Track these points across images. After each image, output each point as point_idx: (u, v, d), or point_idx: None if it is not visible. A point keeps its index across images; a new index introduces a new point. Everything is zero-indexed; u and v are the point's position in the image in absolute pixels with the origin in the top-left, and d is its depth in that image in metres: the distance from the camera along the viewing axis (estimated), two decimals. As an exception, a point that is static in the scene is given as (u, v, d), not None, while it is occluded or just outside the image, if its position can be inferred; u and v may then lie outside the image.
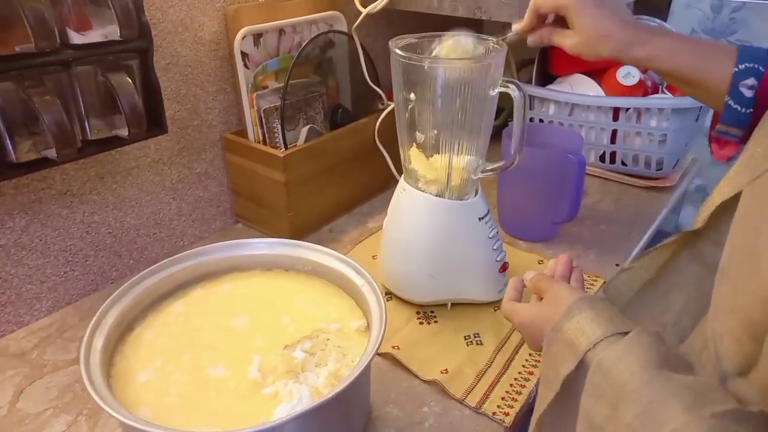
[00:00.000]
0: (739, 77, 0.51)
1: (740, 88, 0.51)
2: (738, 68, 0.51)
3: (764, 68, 0.51)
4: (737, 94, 0.51)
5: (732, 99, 0.52)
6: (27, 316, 0.78)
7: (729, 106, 0.52)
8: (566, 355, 0.44)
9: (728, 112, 0.52)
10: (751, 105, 0.51)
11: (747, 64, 0.51)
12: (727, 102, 0.52)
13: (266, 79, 0.94)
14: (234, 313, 0.64)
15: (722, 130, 0.53)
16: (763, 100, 0.51)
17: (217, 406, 0.54)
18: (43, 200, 0.76)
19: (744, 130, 0.52)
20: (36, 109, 0.62)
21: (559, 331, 0.46)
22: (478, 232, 0.76)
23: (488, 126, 0.74)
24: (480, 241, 0.76)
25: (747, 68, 0.51)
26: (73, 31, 0.66)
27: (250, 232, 1.01)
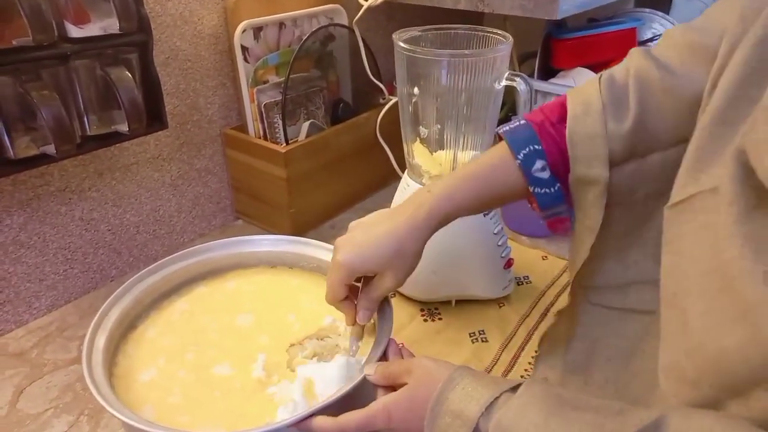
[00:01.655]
0: (527, 166, 0.50)
1: (535, 175, 0.50)
2: (519, 159, 0.50)
3: (540, 145, 0.50)
4: (536, 180, 0.50)
5: (536, 187, 0.50)
6: (26, 315, 0.77)
7: (538, 194, 0.51)
8: (456, 427, 0.40)
9: (541, 199, 0.51)
10: (554, 182, 0.50)
11: (523, 151, 0.50)
12: (534, 191, 0.50)
13: (266, 73, 0.93)
14: (238, 311, 0.63)
15: (549, 213, 0.52)
16: (560, 170, 0.49)
17: (222, 406, 0.53)
18: (41, 197, 0.74)
19: (566, 202, 0.51)
20: (34, 103, 0.61)
21: (443, 403, 0.42)
22: (482, 228, 0.75)
23: (493, 120, 0.73)
24: (484, 237, 0.75)
25: (526, 155, 0.50)
26: (71, 24, 0.64)
27: (250, 228, 1.00)
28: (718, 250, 0.33)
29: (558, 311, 0.55)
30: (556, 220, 0.53)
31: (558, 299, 0.81)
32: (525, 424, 0.37)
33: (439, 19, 0.78)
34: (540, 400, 0.38)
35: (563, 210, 0.51)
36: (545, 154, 0.49)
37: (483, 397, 0.40)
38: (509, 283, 0.79)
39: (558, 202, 0.51)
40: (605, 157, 0.46)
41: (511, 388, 0.41)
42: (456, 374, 0.43)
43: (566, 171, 0.48)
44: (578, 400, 0.38)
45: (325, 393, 0.51)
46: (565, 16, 0.86)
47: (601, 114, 0.46)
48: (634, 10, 1.27)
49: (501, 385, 0.41)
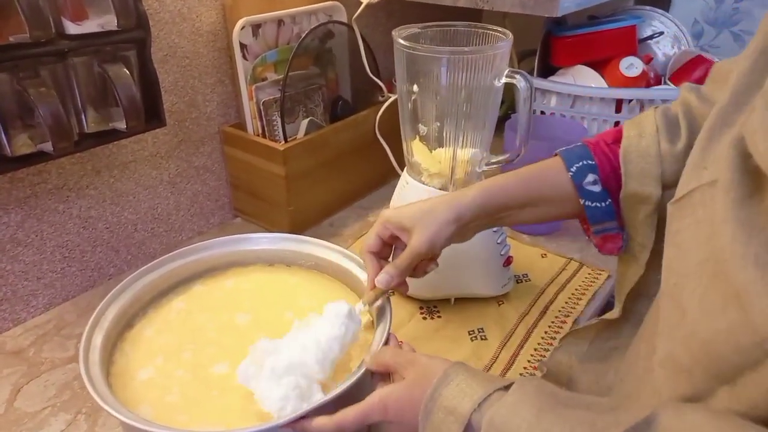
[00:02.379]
0: (579, 179, 0.51)
1: (587, 188, 0.51)
2: (572, 172, 0.52)
3: (593, 161, 0.51)
4: (587, 194, 0.52)
5: (587, 200, 0.52)
6: (23, 313, 0.77)
7: (589, 207, 0.52)
8: (449, 423, 0.40)
9: (591, 212, 0.52)
10: (606, 197, 0.51)
11: (576, 165, 0.52)
12: (585, 204, 0.52)
13: (265, 70, 0.93)
14: (236, 310, 0.63)
15: (599, 229, 0.53)
16: (612, 186, 0.51)
17: (220, 405, 0.53)
18: (38, 195, 0.74)
19: (616, 219, 0.52)
20: (31, 100, 0.61)
21: (437, 399, 0.42)
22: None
23: (493, 118, 0.72)
24: (484, 234, 0.74)
25: (579, 168, 0.52)
26: (69, 21, 0.64)
27: (249, 226, 1.00)
28: (713, 237, 0.33)
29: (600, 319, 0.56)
30: (606, 238, 0.54)
31: (557, 297, 0.80)
32: (517, 421, 0.37)
33: (439, 17, 0.77)
34: (532, 397, 0.38)
35: (613, 227, 0.52)
36: (598, 170, 0.51)
37: (476, 393, 0.41)
38: (508, 281, 0.79)
39: (608, 218, 0.52)
40: (658, 176, 0.48)
41: (504, 387, 0.41)
42: (451, 370, 0.44)
43: (617, 188, 0.50)
44: (570, 397, 0.39)
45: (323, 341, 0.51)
46: (565, 13, 0.86)
47: (655, 136, 0.49)
48: (634, 8, 1.27)
49: (494, 382, 0.41)
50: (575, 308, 0.78)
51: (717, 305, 0.32)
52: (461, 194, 0.55)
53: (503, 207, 0.55)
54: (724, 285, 0.32)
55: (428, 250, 0.54)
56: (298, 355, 0.51)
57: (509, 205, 0.55)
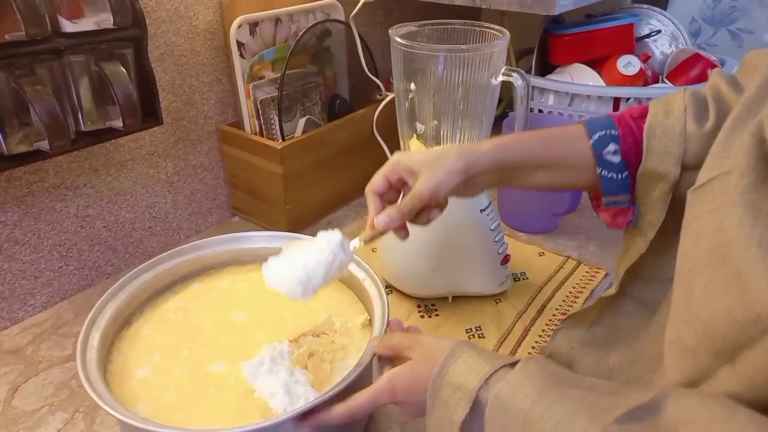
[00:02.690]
0: (599, 147, 0.51)
1: (606, 157, 0.50)
2: (593, 139, 0.51)
3: (616, 131, 0.50)
4: (606, 163, 0.51)
5: (604, 170, 0.51)
6: (21, 312, 0.77)
7: (605, 177, 0.51)
8: (457, 399, 0.42)
9: (606, 183, 0.51)
10: (624, 169, 0.50)
11: (599, 133, 0.51)
12: (601, 174, 0.51)
13: (262, 69, 0.92)
14: (233, 308, 0.63)
15: (610, 201, 0.52)
16: (631, 159, 0.50)
17: (217, 403, 0.53)
18: (36, 194, 0.74)
19: (628, 193, 0.51)
20: (27, 99, 0.61)
21: (445, 376, 0.43)
22: (479, 224, 0.75)
23: (490, 116, 0.72)
24: (481, 233, 0.75)
25: (601, 137, 0.51)
26: (65, 19, 0.64)
27: (247, 225, 1.00)
28: (723, 220, 0.34)
29: (600, 298, 0.56)
30: (616, 212, 0.53)
31: (555, 295, 0.80)
32: (521, 397, 0.38)
33: (437, 15, 0.77)
34: (536, 375, 0.39)
35: (625, 201, 0.52)
36: (620, 141, 0.50)
37: (483, 370, 0.42)
38: (506, 279, 0.79)
39: (622, 191, 0.51)
40: (679, 155, 0.47)
41: (510, 364, 0.42)
42: (457, 348, 0.44)
43: (637, 163, 0.49)
44: (574, 378, 0.40)
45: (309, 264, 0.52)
46: (562, 11, 0.86)
47: (682, 115, 0.48)
48: (632, 6, 1.27)
49: (500, 359, 0.42)
50: (573, 306, 0.78)
51: (720, 286, 0.33)
52: (475, 145, 0.54)
53: (517, 164, 0.53)
54: (728, 267, 0.32)
55: (431, 196, 0.52)
56: (285, 273, 0.51)
57: (523, 164, 0.53)
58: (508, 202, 0.97)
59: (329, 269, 0.52)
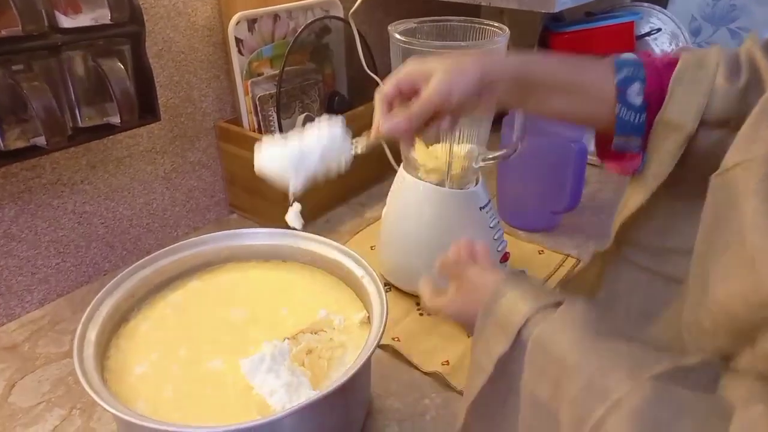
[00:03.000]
0: (624, 84, 0.49)
1: (629, 96, 0.49)
2: (620, 75, 0.49)
3: (644, 72, 0.49)
4: (626, 102, 0.49)
5: (623, 107, 0.49)
6: (18, 309, 0.76)
7: (621, 117, 0.49)
8: (498, 336, 0.42)
9: (622, 123, 0.50)
10: (643, 110, 0.49)
11: (627, 69, 0.49)
12: (619, 112, 0.49)
13: (261, 65, 0.92)
14: (231, 305, 0.63)
15: (621, 143, 0.51)
16: (653, 103, 0.49)
17: (215, 400, 0.52)
18: (33, 190, 0.74)
19: (641, 138, 0.50)
20: (24, 94, 0.60)
21: (490, 315, 0.44)
22: (479, 222, 0.75)
23: (490, 113, 0.72)
24: (481, 230, 0.75)
25: (628, 75, 0.49)
26: (62, 14, 0.64)
27: (245, 222, 0.99)
28: (740, 207, 0.34)
29: (595, 253, 0.55)
30: (623, 156, 0.52)
31: (554, 293, 0.80)
32: (560, 342, 0.38)
33: (436, 12, 0.77)
34: (578, 320, 0.39)
35: (635, 146, 0.50)
36: (645, 82, 0.49)
37: (525, 309, 0.42)
38: (505, 277, 0.79)
39: (635, 134, 0.50)
40: (701, 109, 0.46)
41: (554, 303, 0.41)
42: (502, 285, 0.45)
43: (657, 108, 0.48)
44: (614, 328, 0.39)
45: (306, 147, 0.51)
46: (562, 9, 0.86)
47: (713, 69, 0.46)
48: (632, 4, 1.26)
49: (544, 299, 0.42)
50: (571, 304, 0.78)
51: (735, 270, 0.33)
52: (496, 54, 0.52)
53: (537, 81, 0.51)
54: (743, 252, 0.33)
55: (442, 100, 0.49)
56: (277, 153, 0.50)
57: (543, 82, 0.51)
58: (507, 200, 0.97)
59: (326, 156, 0.50)
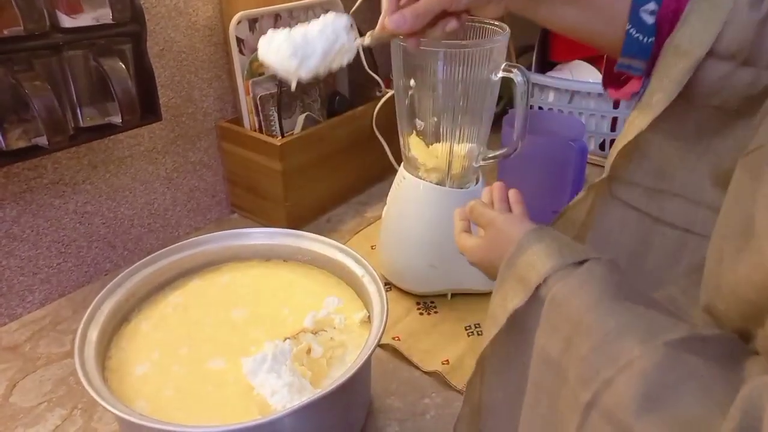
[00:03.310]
0: (638, 1, 0.48)
1: (641, 15, 0.48)
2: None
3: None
4: (638, 21, 0.48)
5: (634, 27, 0.48)
6: (19, 309, 0.77)
7: (630, 35, 0.48)
8: (516, 290, 0.42)
9: (630, 42, 0.49)
10: (653, 33, 0.48)
11: None
12: (629, 31, 0.48)
13: (262, 65, 0.92)
14: (233, 305, 0.63)
15: (625, 64, 0.50)
16: (664, 27, 0.48)
17: (216, 400, 0.53)
18: (34, 190, 0.74)
19: (646, 61, 0.49)
20: (26, 94, 0.60)
21: (511, 267, 0.44)
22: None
23: (490, 112, 0.72)
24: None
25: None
26: (64, 14, 0.64)
27: (246, 222, 0.99)
28: (757, 190, 0.33)
29: (588, 186, 0.54)
30: (626, 79, 0.51)
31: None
32: (577, 302, 0.38)
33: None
34: (598, 282, 0.38)
35: (639, 68, 0.50)
36: (661, 2, 0.47)
37: (544, 267, 0.41)
38: (506, 276, 0.79)
39: (641, 56, 0.49)
40: (713, 37, 0.44)
41: (576, 262, 0.40)
42: (525, 240, 0.44)
43: (668, 32, 0.47)
44: (635, 292, 0.39)
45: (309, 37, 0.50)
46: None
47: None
48: (633, 3, 1.26)
49: (566, 256, 0.41)
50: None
51: (744, 252, 0.33)
52: None
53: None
54: (751, 233, 0.32)
55: None
56: (281, 43, 0.49)
57: None
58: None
59: (330, 48, 0.50)
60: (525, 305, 0.41)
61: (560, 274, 0.40)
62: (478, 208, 0.54)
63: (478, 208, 0.54)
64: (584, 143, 0.85)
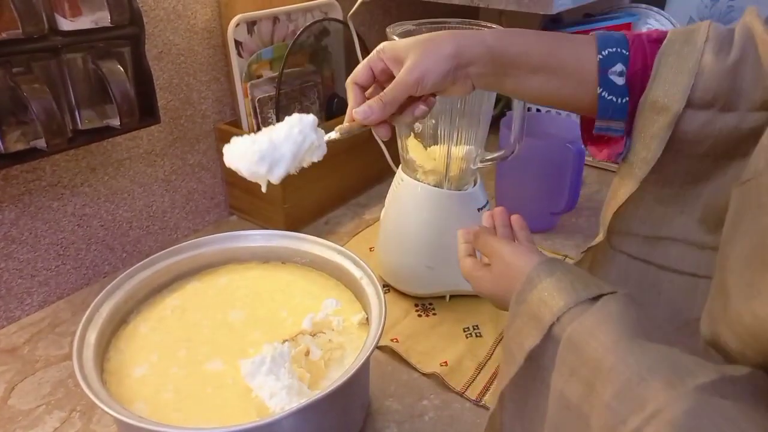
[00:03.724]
0: (605, 64, 0.47)
1: (610, 77, 0.47)
2: (602, 55, 0.47)
3: (627, 51, 0.47)
4: (608, 83, 0.47)
5: (605, 90, 0.47)
6: (18, 311, 0.77)
7: (603, 98, 0.47)
8: (530, 329, 0.41)
9: (604, 105, 0.47)
10: (625, 93, 0.47)
11: (609, 49, 0.47)
12: (601, 94, 0.47)
13: (260, 68, 0.92)
14: (230, 307, 0.63)
15: (603, 127, 0.49)
16: (635, 86, 0.46)
17: (214, 402, 0.53)
18: (33, 192, 0.74)
19: (625, 121, 0.48)
20: (24, 97, 0.60)
21: (522, 303, 0.42)
22: (477, 223, 0.74)
23: (487, 115, 0.73)
24: (479, 232, 0.75)
25: (611, 54, 0.47)
26: (62, 17, 0.64)
27: (245, 224, 1.00)
28: (763, 220, 0.32)
29: (587, 248, 0.53)
30: (606, 141, 0.50)
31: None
32: (594, 344, 0.36)
33: (435, 14, 0.77)
34: (615, 320, 0.37)
35: (619, 129, 0.48)
36: (628, 62, 0.47)
37: (557, 304, 0.40)
38: (504, 278, 0.79)
39: (618, 116, 0.48)
40: (687, 88, 0.44)
41: (591, 299, 0.39)
42: (534, 275, 0.43)
43: (641, 90, 0.46)
44: (655, 328, 0.37)
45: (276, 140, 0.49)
46: (560, 10, 0.86)
47: (701, 46, 0.44)
48: (630, 6, 1.27)
49: (579, 292, 0.40)
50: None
51: (760, 291, 0.31)
52: (472, 32, 0.49)
53: (514, 60, 0.48)
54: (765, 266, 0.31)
55: (416, 83, 0.47)
56: (247, 148, 0.49)
57: (521, 60, 0.48)
58: (505, 201, 0.97)
59: (298, 149, 0.49)
60: (540, 344, 0.40)
61: (574, 312, 0.38)
62: (482, 236, 0.53)
63: (482, 236, 0.53)
64: (581, 146, 0.85)
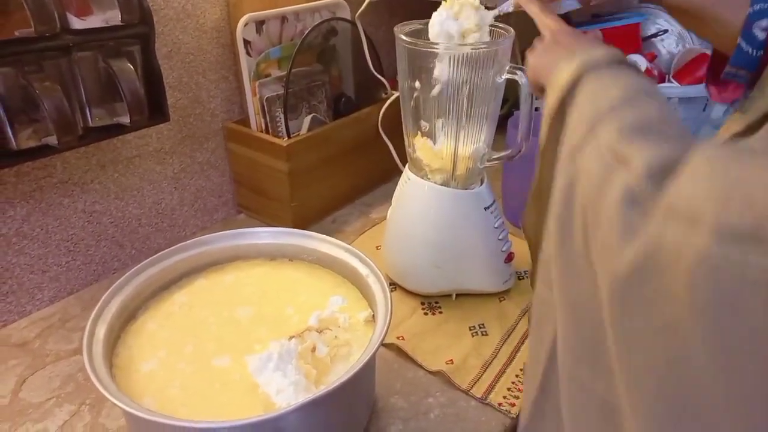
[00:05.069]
0: (753, 17, 0.49)
1: (753, 30, 0.49)
2: (753, 9, 0.49)
3: None
4: (750, 36, 0.49)
5: (744, 40, 0.50)
6: (29, 306, 0.78)
7: (740, 48, 0.50)
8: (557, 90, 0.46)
9: (738, 54, 0.50)
10: (762, 47, 0.49)
11: (762, 4, 0.49)
12: (739, 44, 0.50)
13: (269, 67, 0.93)
14: (238, 304, 0.63)
15: (731, 72, 0.51)
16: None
17: (221, 397, 0.53)
18: (44, 189, 0.75)
19: (752, 72, 0.50)
20: (36, 95, 0.61)
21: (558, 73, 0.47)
22: (483, 222, 0.75)
23: (495, 114, 0.73)
24: (485, 231, 0.75)
25: (762, 9, 0.49)
26: (74, 16, 0.65)
27: (252, 222, 1.00)
28: None
29: None
30: (727, 86, 0.52)
31: (559, 294, 0.80)
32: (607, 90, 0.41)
33: (442, 13, 0.77)
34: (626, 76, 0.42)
35: (744, 77, 0.51)
36: None
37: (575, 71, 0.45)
38: (510, 277, 0.79)
39: (748, 67, 0.50)
40: None
41: None
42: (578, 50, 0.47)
43: None
44: None
45: None
46: (568, 10, 0.85)
47: None
48: (639, 6, 1.26)
49: None
50: (576, 305, 0.78)
51: None
52: None
53: None
54: None
55: None
56: None
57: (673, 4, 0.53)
58: (512, 200, 0.97)
59: None
60: None
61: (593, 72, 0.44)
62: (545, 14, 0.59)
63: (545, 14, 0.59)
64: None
